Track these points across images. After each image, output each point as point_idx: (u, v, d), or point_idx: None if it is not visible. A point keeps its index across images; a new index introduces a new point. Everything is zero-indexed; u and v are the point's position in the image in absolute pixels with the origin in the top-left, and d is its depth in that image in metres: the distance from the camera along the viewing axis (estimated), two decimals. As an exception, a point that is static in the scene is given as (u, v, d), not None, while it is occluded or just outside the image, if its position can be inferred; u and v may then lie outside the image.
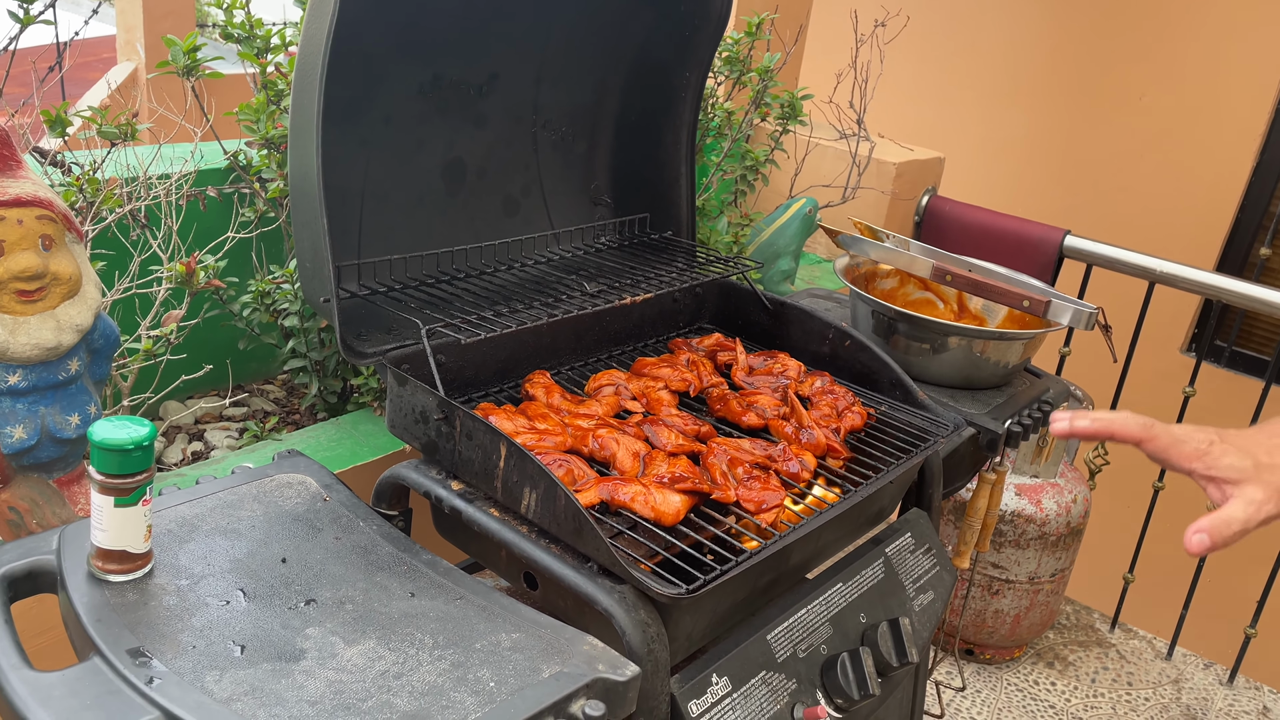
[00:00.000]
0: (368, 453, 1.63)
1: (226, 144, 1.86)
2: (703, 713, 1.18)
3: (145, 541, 1.06)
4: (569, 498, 1.15)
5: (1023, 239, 2.89)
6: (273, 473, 1.29)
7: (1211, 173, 4.02)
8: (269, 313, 1.77)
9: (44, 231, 1.21)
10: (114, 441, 1.00)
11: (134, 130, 1.60)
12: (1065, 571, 2.95)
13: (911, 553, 1.57)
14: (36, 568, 1.06)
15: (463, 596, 1.11)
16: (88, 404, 1.32)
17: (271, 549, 1.15)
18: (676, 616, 1.18)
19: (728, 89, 2.63)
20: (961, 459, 1.75)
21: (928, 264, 1.94)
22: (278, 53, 1.77)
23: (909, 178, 2.96)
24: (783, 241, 2.53)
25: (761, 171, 2.56)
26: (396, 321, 1.49)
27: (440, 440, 1.31)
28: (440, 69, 1.57)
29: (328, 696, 0.94)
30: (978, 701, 2.89)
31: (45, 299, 1.23)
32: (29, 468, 1.30)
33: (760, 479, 1.35)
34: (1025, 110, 4.39)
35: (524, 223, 1.80)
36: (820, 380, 1.67)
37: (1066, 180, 4.33)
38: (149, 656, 0.95)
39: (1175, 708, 2.94)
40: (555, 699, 0.97)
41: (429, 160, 1.62)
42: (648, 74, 1.84)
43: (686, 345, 1.79)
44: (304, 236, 1.36)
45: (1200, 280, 2.73)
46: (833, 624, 1.38)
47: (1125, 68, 4.14)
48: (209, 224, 1.84)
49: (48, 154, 1.71)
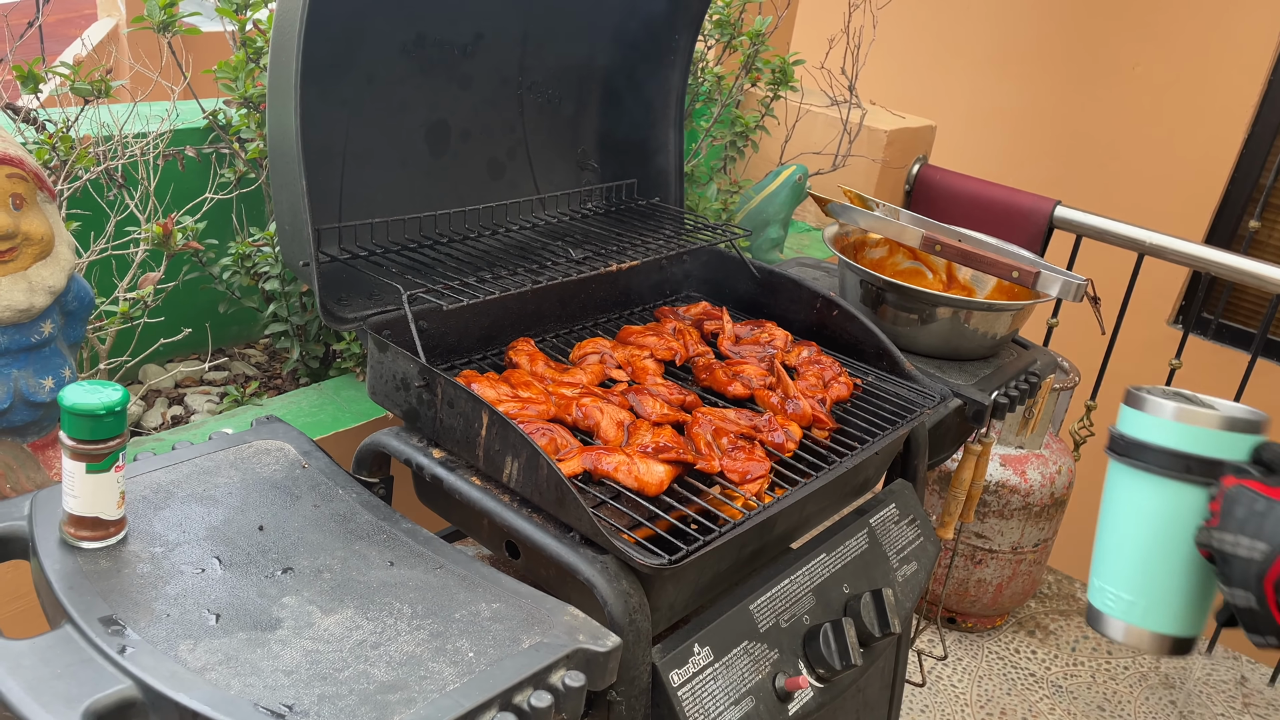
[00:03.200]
0: (350, 419, 1.61)
1: (205, 103, 1.82)
2: (684, 683, 1.17)
3: (118, 508, 1.04)
4: (551, 467, 1.13)
5: (1013, 209, 2.87)
6: (251, 439, 1.28)
7: (1202, 145, 4.01)
8: (249, 276, 1.74)
9: (14, 190, 1.18)
10: (85, 406, 0.98)
11: (108, 87, 1.57)
12: (1048, 541, 2.97)
13: (896, 523, 1.57)
14: (7, 534, 1.05)
15: (443, 566, 1.10)
16: (62, 367, 1.29)
17: (248, 516, 1.13)
18: (659, 586, 1.17)
19: (718, 53, 2.59)
20: (947, 430, 1.75)
21: (917, 233, 1.93)
22: (257, 9, 1.72)
23: (900, 146, 2.93)
24: (772, 209, 2.50)
25: (751, 138, 2.53)
26: (378, 286, 1.47)
27: (421, 408, 1.29)
28: (424, 27, 1.54)
29: (304, 666, 0.93)
30: (959, 670, 2.91)
31: (16, 260, 1.20)
32: (3, 431, 1.27)
33: (745, 449, 1.33)
34: (1018, 79, 4.35)
35: (509, 187, 1.77)
36: (807, 350, 1.66)
37: (1058, 150, 4.31)
38: (122, 625, 0.93)
39: (1154, 676, 2.97)
40: (535, 669, 0.97)
41: (412, 121, 1.59)
42: (636, 36, 1.81)
43: (673, 313, 1.77)
44: (283, 199, 1.34)
45: (1189, 252, 2.72)
46: (816, 594, 1.37)
47: (1119, 38, 4.11)
48: (187, 184, 1.80)
49: (21, 110, 1.67)
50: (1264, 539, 0.91)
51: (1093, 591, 1.12)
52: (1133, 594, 1.06)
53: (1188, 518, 1.01)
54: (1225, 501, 0.96)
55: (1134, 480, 1.05)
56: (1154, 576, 1.05)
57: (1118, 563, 1.08)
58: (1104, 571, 1.09)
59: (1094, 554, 1.12)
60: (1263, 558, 0.91)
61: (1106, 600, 1.09)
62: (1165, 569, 1.04)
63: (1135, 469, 1.05)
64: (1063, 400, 3.04)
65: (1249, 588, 0.92)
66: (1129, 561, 1.07)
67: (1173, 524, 1.02)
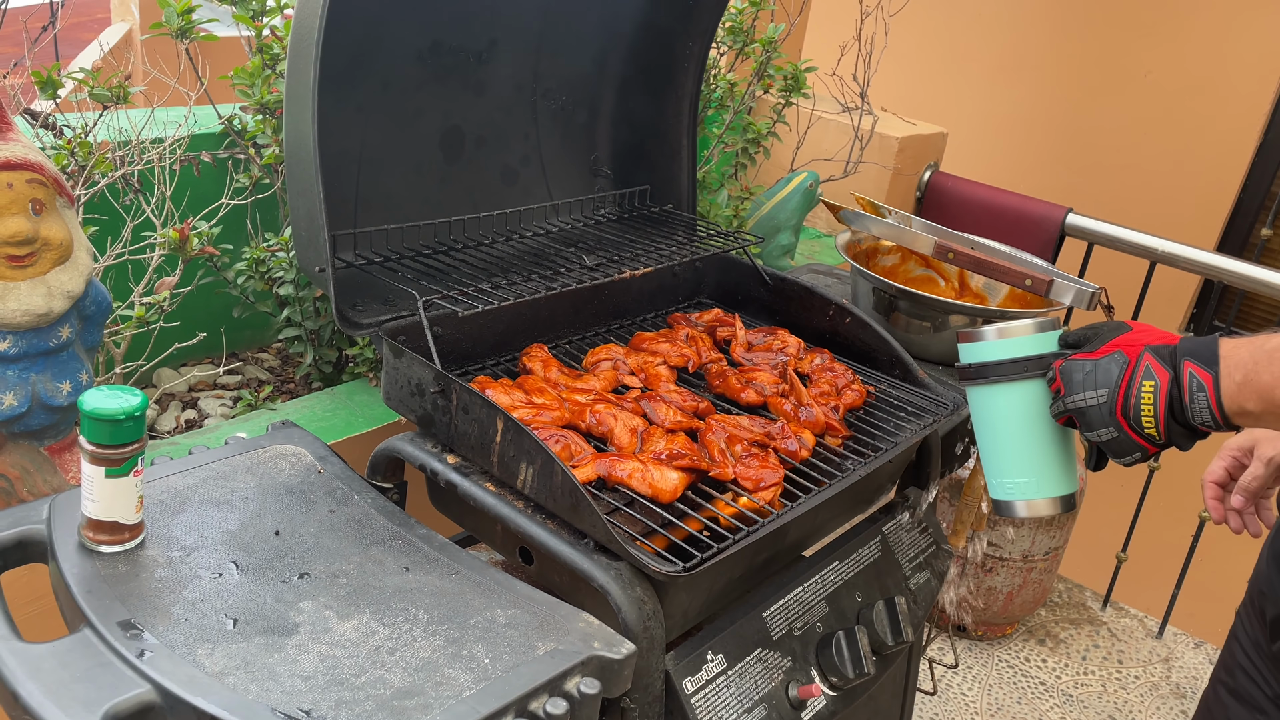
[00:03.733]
0: (363, 424, 1.62)
1: (221, 108, 1.83)
2: (697, 690, 1.17)
3: (137, 512, 1.04)
4: (566, 473, 1.14)
5: (1024, 216, 2.87)
6: (266, 444, 1.28)
7: (1214, 153, 4.00)
8: (264, 281, 1.74)
9: (34, 196, 1.19)
10: (105, 411, 0.99)
11: (127, 93, 1.58)
12: (1058, 550, 2.96)
13: (908, 532, 1.57)
14: (26, 537, 1.05)
15: (458, 572, 1.11)
16: (79, 371, 1.30)
17: (265, 521, 1.14)
18: (673, 594, 1.17)
19: (730, 60, 2.59)
20: (960, 438, 1.75)
21: (930, 241, 1.93)
22: (273, 15, 1.73)
23: (911, 152, 2.93)
24: (783, 216, 2.51)
25: (763, 144, 2.53)
26: (393, 292, 1.47)
27: (436, 413, 1.29)
28: (439, 35, 1.54)
29: (321, 671, 0.93)
30: (969, 678, 2.90)
31: (36, 264, 1.21)
32: (20, 435, 1.28)
33: (758, 457, 1.33)
34: (1029, 87, 4.35)
35: (523, 193, 1.78)
36: (820, 357, 1.66)
37: (1069, 158, 4.30)
38: (140, 629, 0.94)
39: (1165, 686, 2.96)
40: (550, 676, 0.97)
41: (427, 128, 1.60)
42: (650, 43, 1.81)
43: (685, 320, 1.77)
44: (300, 204, 1.34)
45: (1201, 260, 2.71)
46: (828, 602, 1.37)
47: (1131, 45, 4.10)
48: (203, 190, 1.81)
49: (39, 116, 1.68)
50: (1101, 386, 1.18)
51: (993, 489, 1.35)
52: (1025, 475, 1.31)
53: (1041, 402, 1.29)
54: (1063, 375, 1.22)
55: (993, 393, 1.31)
56: (1036, 454, 1.30)
57: (1006, 457, 1.32)
58: (998, 469, 1.33)
59: (984, 462, 1.35)
60: (1108, 398, 1.18)
61: (1007, 490, 1.33)
62: (1041, 445, 1.30)
63: (991, 385, 1.30)
64: (1074, 408, 3.02)
65: (1106, 424, 1.19)
66: (1014, 452, 1.32)
67: (1032, 411, 1.29)
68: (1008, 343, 1.29)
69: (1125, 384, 1.17)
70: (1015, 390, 1.29)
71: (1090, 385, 1.19)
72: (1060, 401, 1.23)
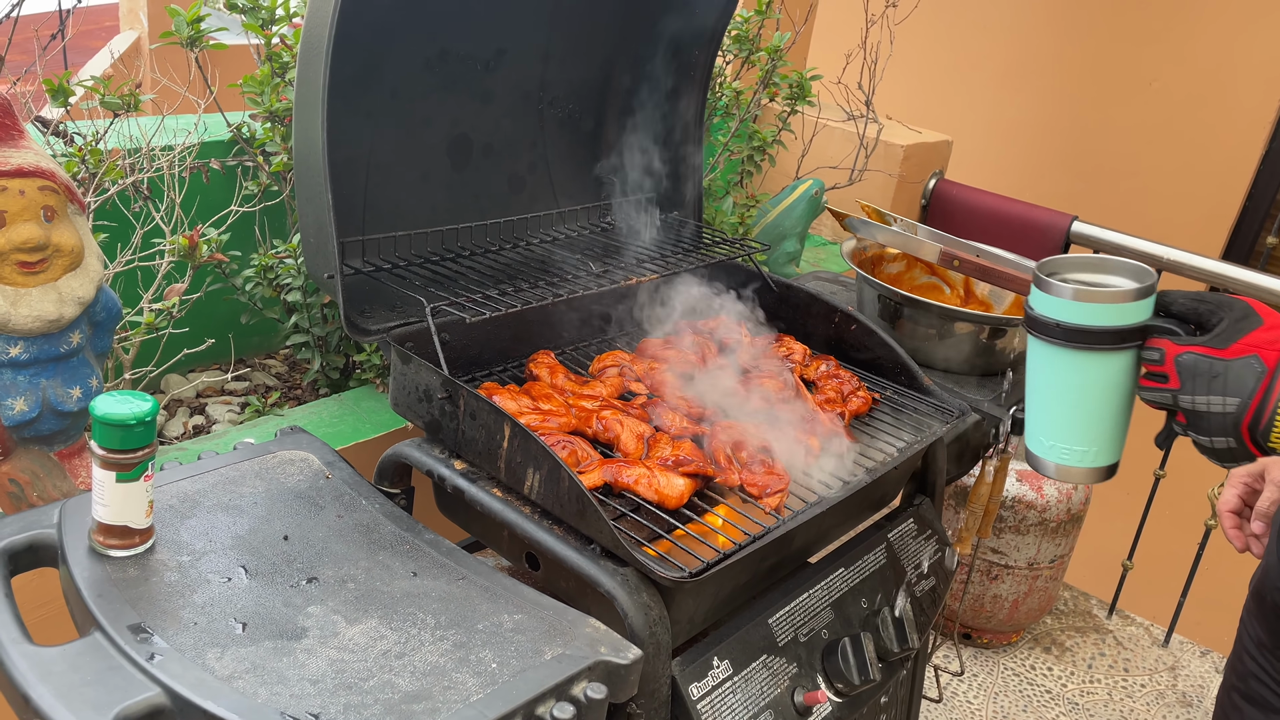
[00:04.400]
0: (370, 430, 1.62)
1: (230, 116, 1.84)
2: (703, 696, 1.18)
3: (147, 517, 1.05)
4: (572, 479, 1.14)
5: (1030, 224, 2.87)
6: (275, 449, 1.29)
7: (1220, 160, 4.00)
8: (271, 287, 1.75)
9: (46, 203, 1.20)
10: (116, 416, 0.99)
11: (137, 101, 1.59)
12: (1064, 558, 2.95)
13: (914, 538, 1.57)
14: (37, 541, 1.06)
15: (465, 577, 1.11)
16: (89, 377, 1.31)
17: (273, 526, 1.14)
18: (679, 600, 1.17)
19: (736, 68, 2.60)
20: (966, 445, 1.75)
21: (935, 248, 1.93)
22: (282, 24, 1.75)
23: (916, 160, 2.94)
24: (789, 223, 2.51)
25: (769, 152, 2.54)
26: (400, 299, 1.48)
27: (444, 419, 1.30)
28: (447, 43, 1.55)
29: (329, 675, 0.94)
30: (975, 686, 2.90)
31: (47, 271, 1.22)
32: (30, 440, 1.29)
33: (764, 463, 1.34)
34: (1034, 94, 4.35)
35: (530, 201, 1.78)
36: (825, 364, 1.66)
37: (1074, 165, 4.30)
38: (150, 632, 0.94)
39: (1171, 694, 2.95)
40: (557, 681, 0.97)
41: (434, 136, 1.61)
42: (656, 52, 1.82)
43: (691, 327, 1.77)
44: (308, 211, 1.35)
45: (1206, 268, 2.71)
46: (834, 609, 1.38)
47: (1136, 53, 4.11)
48: (212, 197, 1.83)
49: (50, 124, 1.69)
50: (1232, 394, 1.06)
51: (1036, 445, 1.25)
52: (1085, 444, 1.21)
53: (1125, 375, 1.17)
54: (1181, 369, 1.10)
55: (1070, 357, 1.18)
56: (1100, 426, 1.20)
57: (1063, 421, 1.22)
58: (1048, 428, 1.23)
59: (1035, 415, 1.25)
60: (1237, 409, 1.06)
61: (1055, 452, 1.23)
62: (1108, 418, 1.20)
63: (1071, 349, 1.16)
64: (1079, 415, 3.02)
65: (1226, 434, 1.08)
66: (1077, 420, 1.21)
67: (1113, 383, 1.17)
68: (1101, 309, 1.13)
69: (1260, 397, 1.04)
70: (1098, 360, 1.16)
71: (1218, 390, 1.06)
72: (1168, 394, 1.11)
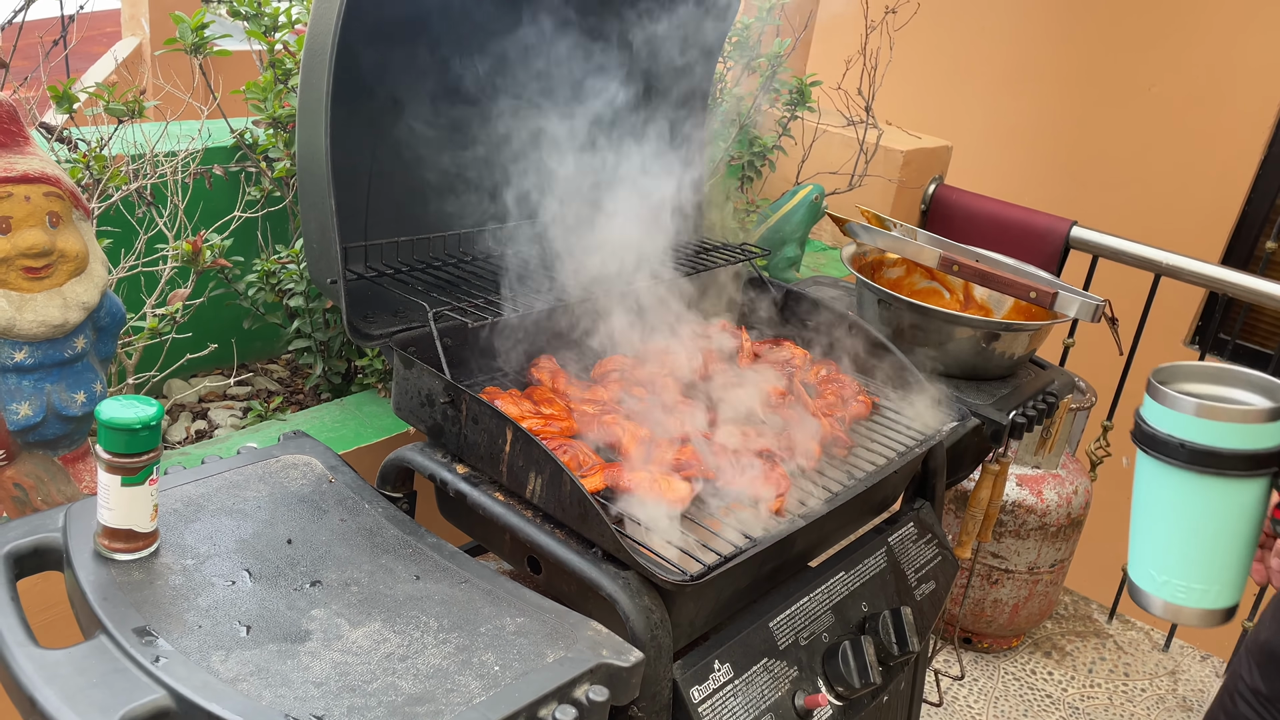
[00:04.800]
0: (372, 434, 1.63)
1: (233, 122, 1.85)
2: (704, 699, 1.18)
3: (151, 521, 1.06)
4: (574, 483, 1.15)
5: (1029, 229, 2.88)
6: (278, 453, 1.30)
7: (1219, 166, 4.01)
8: (274, 292, 1.76)
9: (51, 209, 1.21)
10: (122, 421, 1.00)
11: (141, 107, 1.60)
12: (1064, 562, 2.96)
13: (914, 542, 1.58)
14: (42, 545, 1.07)
15: (467, 580, 1.12)
16: (93, 381, 1.32)
17: (277, 530, 1.15)
18: (680, 603, 1.18)
19: (736, 74, 2.61)
20: (965, 450, 1.75)
21: (934, 253, 1.94)
22: (285, 30, 1.76)
23: (916, 166, 2.95)
24: (789, 228, 2.52)
25: (769, 158, 2.55)
26: (403, 303, 1.49)
27: (446, 423, 1.31)
28: (450, 50, 1.56)
29: (333, 678, 0.94)
30: (975, 690, 2.90)
31: (52, 276, 1.22)
32: (34, 445, 1.30)
33: (765, 467, 1.34)
34: (1034, 100, 4.36)
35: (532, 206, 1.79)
36: (825, 368, 1.67)
37: (1074, 171, 4.31)
38: (155, 635, 0.95)
39: (1171, 699, 2.95)
40: (559, 683, 0.98)
41: (436, 142, 1.61)
42: (657, 59, 1.83)
43: (692, 332, 1.78)
44: (311, 217, 1.36)
45: (1206, 273, 2.72)
46: (835, 612, 1.38)
47: (1135, 59, 4.12)
48: (215, 203, 1.83)
49: (53, 130, 1.70)
50: None
51: (1143, 579, 1.10)
52: (1205, 582, 1.06)
53: (1257, 507, 1.03)
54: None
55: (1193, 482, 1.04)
56: (1225, 563, 1.06)
57: (1179, 556, 1.07)
58: (1161, 562, 1.08)
59: (1143, 544, 1.10)
60: None
61: (1175, 591, 1.07)
62: (1234, 554, 1.05)
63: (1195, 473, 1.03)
64: (1079, 420, 3.03)
65: None
66: (1194, 555, 1.06)
67: (1242, 516, 1.03)
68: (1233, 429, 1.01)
69: None
70: (1227, 488, 1.03)
71: None
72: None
